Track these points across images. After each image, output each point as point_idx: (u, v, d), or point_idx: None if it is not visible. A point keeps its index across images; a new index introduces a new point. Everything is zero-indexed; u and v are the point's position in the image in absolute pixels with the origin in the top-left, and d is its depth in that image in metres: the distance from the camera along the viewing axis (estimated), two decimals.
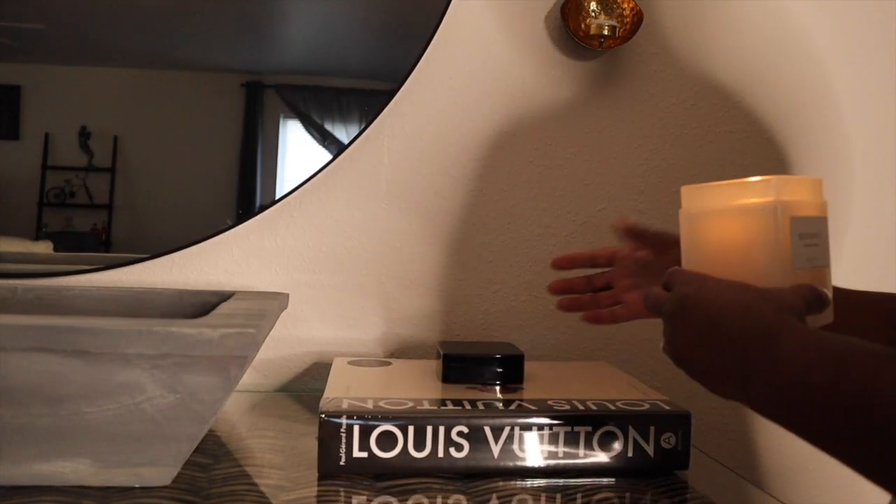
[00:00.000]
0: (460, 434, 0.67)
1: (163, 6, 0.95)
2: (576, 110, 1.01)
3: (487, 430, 0.67)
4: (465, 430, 0.67)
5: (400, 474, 0.66)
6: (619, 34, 0.97)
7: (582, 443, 0.68)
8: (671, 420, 0.70)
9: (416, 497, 0.63)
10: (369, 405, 0.68)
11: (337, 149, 0.96)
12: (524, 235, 1.01)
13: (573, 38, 0.98)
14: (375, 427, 0.65)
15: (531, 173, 1.01)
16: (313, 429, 0.68)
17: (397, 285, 0.98)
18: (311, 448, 0.70)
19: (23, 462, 0.60)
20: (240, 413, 0.85)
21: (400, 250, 0.98)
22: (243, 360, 0.60)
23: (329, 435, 0.65)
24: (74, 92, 0.94)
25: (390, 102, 0.96)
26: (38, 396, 0.58)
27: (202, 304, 0.83)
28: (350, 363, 0.87)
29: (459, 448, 0.67)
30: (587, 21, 0.96)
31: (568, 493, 0.65)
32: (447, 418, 0.67)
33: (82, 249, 0.95)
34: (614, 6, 0.97)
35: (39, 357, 0.57)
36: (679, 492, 0.67)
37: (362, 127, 0.96)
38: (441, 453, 0.66)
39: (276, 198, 0.95)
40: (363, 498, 0.62)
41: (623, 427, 0.69)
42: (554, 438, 0.68)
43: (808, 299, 0.55)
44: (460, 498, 0.63)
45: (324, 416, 0.65)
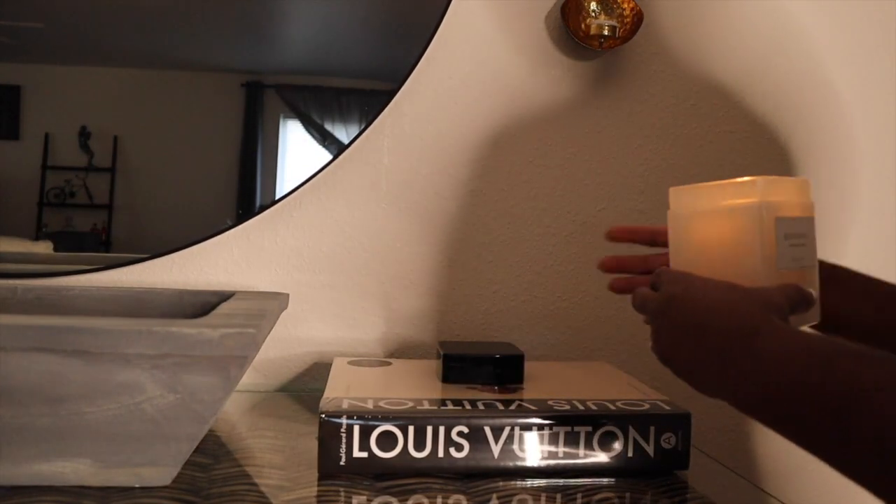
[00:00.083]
0: (460, 434, 0.67)
1: (163, 6, 0.95)
2: (576, 110, 1.01)
3: (487, 430, 0.67)
4: (465, 430, 0.67)
5: (400, 474, 0.66)
6: (619, 34, 0.97)
7: (582, 443, 0.68)
8: (671, 420, 0.70)
9: (416, 497, 0.63)
10: (369, 405, 0.68)
11: (337, 149, 0.96)
12: (524, 235, 1.01)
13: (573, 38, 0.98)
14: (375, 427, 0.65)
15: (531, 173, 1.01)
16: (313, 429, 0.68)
17: (397, 285, 0.98)
18: (311, 448, 0.70)
19: (23, 462, 0.60)
20: (240, 413, 0.85)
21: (400, 250, 0.98)
22: (243, 360, 0.60)
23: (329, 435, 0.65)
24: (74, 92, 0.94)
25: (390, 102, 0.96)
26: (38, 396, 0.58)
27: (202, 305, 0.83)
28: (350, 363, 0.87)
29: (459, 448, 0.67)
30: (587, 21, 0.96)
31: (568, 493, 0.65)
32: (447, 418, 0.67)
33: (82, 249, 0.95)
34: (614, 6, 0.97)
35: (39, 357, 0.57)
36: (679, 492, 0.67)
37: (362, 127, 0.96)
38: (441, 453, 0.66)
39: (276, 198, 0.95)
40: (363, 498, 0.62)
41: (623, 427, 0.69)
42: (554, 438, 0.68)
43: (793, 299, 0.55)
44: (460, 498, 0.63)
45: (324, 416, 0.65)
